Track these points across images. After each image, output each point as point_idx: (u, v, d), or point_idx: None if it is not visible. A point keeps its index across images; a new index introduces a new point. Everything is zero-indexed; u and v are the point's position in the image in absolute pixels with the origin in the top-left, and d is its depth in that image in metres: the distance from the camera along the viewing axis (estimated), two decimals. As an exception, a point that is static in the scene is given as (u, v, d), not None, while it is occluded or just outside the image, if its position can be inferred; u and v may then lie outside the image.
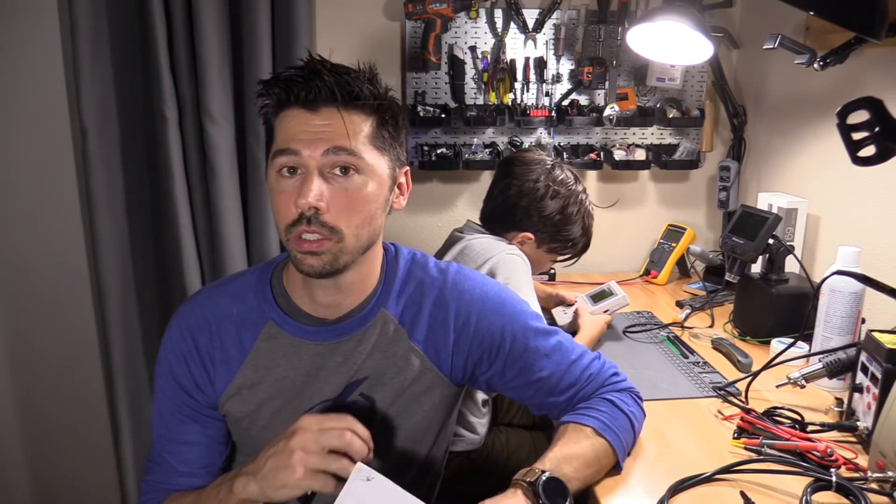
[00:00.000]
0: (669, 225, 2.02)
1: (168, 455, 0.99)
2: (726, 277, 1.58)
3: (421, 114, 1.84)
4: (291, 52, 1.59)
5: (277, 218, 0.89)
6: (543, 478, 0.87)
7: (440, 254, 1.50)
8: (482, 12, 1.83)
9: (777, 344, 1.36)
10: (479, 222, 1.55)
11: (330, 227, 0.86)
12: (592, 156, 1.94)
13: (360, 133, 0.87)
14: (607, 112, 1.87)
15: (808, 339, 1.34)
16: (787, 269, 1.52)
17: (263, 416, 0.97)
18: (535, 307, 1.33)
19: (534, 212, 1.46)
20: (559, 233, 1.48)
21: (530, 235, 1.48)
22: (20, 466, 1.89)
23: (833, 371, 1.18)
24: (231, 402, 0.97)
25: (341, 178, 0.87)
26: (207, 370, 0.96)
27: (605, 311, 1.54)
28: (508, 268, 1.36)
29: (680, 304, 1.75)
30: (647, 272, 1.99)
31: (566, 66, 1.90)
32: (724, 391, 1.25)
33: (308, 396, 0.97)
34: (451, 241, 1.51)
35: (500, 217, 1.50)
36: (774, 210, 1.64)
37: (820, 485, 0.93)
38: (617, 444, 0.99)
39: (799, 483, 0.95)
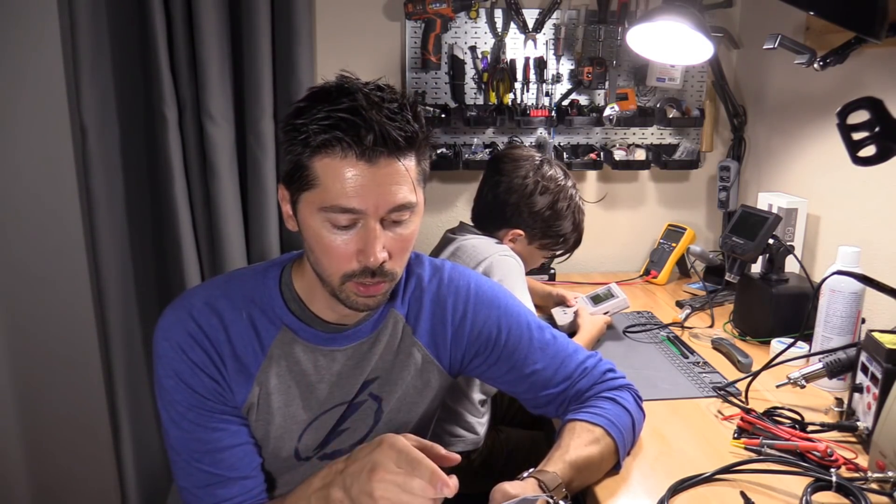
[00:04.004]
0: (669, 225, 2.02)
1: (209, 467, 0.90)
2: (726, 277, 1.58)
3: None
4: (292, 52, 1.59)
5: (330, 266, 0.86)
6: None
7: (433, 255, 1.50)
8: (482, 12, 1.83)
9: (777, 344, 1.36)
10: (471, 223, 1.55)
11: (388, 272, 0.87)
12: (592, 156, 1.94)
13: (413, 177, 0.86)
14: (607, 112, 1.87)
15: (808, 339, 1.34)
16: (787, 269, 1.52)
17: (277, 422, 0.95)
18: (530, 306, 1.33)
19: (524, 208, 1.46)
20: (550, 228, 1.48)
21: (521, 232, 1.48)
22: (20, 466, 1.88)
23: (833, 371, 1.18)
24: (251, 411, 0.94)
25: (399, 226, 0.87)
26: (224, 376, 0.92)
27: (605, 313, 1.54)
28: (502, 269, 1.36)
29: (680, 304, 1.75)
30: (647, 272, 1.99)
31: (566, 66, 1.90)
32: (724, 391, 1.25)
33: (323, 401, 0.97)
34: (445, 243, 1.51)
35: (490, 214, 1.50)
36: (774, 210, 1.64)
37: (820, 485, 0.93)
38: (621, 444, 1.00)
39: (799, 483, 0.95)
